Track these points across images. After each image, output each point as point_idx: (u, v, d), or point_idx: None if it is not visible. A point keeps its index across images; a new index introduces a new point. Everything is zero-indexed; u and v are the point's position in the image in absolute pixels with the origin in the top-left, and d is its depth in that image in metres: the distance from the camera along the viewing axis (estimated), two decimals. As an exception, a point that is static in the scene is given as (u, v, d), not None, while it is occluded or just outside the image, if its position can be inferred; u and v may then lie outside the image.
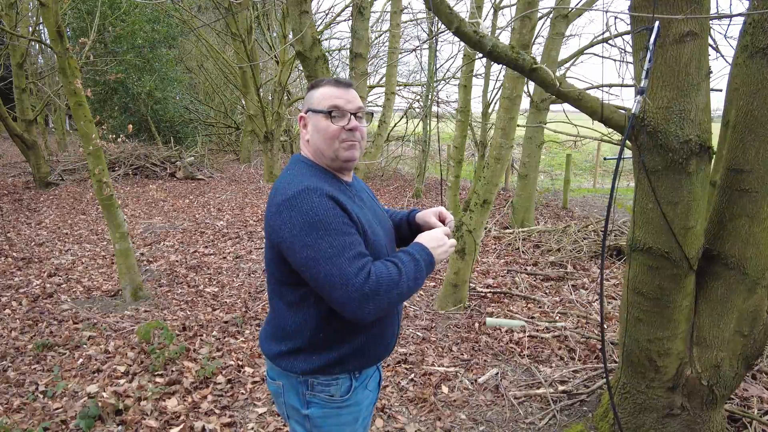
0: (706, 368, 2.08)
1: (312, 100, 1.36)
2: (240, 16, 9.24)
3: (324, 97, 1.33)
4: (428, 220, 1.56)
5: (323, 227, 1.18)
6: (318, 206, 1.19)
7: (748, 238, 1.91)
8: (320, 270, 1.18)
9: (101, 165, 4.12)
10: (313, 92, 1.36)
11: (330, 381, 1.34)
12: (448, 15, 1.68)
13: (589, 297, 4.57)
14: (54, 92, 10.97)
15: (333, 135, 1.32)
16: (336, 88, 1.35)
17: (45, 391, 2.88)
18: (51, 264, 5.41)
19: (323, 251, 1.17)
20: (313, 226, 1.18)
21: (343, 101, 1.33)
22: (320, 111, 1.33)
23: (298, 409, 1.36)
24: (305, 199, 1.20)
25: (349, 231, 1.22)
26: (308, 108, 1.36)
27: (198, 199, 9.59)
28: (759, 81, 1.81)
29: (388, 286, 1.20)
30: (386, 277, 1.20)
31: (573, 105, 1.82)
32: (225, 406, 2.79)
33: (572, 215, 8.54)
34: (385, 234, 1.42)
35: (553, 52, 5.94)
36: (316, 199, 1.20)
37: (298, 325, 1.31)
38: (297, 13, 3.87)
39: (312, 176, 1.29)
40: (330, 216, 1.19)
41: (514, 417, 2.73)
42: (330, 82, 1.36)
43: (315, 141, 1.34)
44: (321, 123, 1.32)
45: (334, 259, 1.17)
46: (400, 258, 1.29)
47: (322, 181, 1.27)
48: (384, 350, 1.42)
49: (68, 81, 3.93)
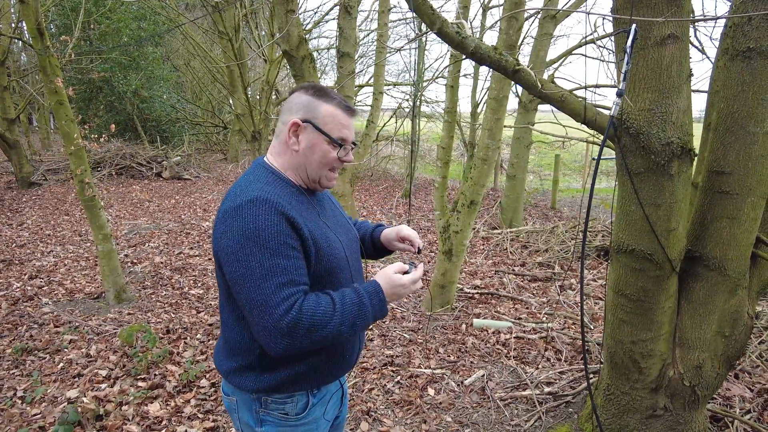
0: (688, 369, 2.09)
1: (316, 114, 1.24)
2: (227, 14, 9.15)
3: (334, 122, 1.24)
4: (393, 243, 1.49)
5: (259, 244, 1.10)
6: (261, 220, 1.11)
7: (729, 240, 1.92)
8: (243, 289, 1.10)
9: (84, 165, 4.05)
10: (319, 105, 1.24)
11: (285, 399, 1.27)
12: (431, 15, 1.67)
13: (576, 298, 4.59)
14: (37, 90, 10.79)
15: (329, 163, 1.26)
16: (346, 114, 1.26)
17: (23, 397, 2.81)
18: (32, 266, 5.31)
19: (252, 270, 1.09)
20: (249, 240, 1.10)
21: (350, 133, 1.27)
22: (326, 134, 1.23)
23: (252, 426, 1.30)
24: (250, 211, 1.12)
25: (288, 253, 1.12)
26: (309, 119, 1.24)
27: (184, 199, 9.49)
28: (739, 84, 1.82)
29: (310, 326, 1.10)
30: (311, 316, 1.10)
31: (556, 106, 1.81)
32: (208, 410, 2.75)
33: (561, 215, 8.59)
34: (348, 244, 1.35)
35: (541, 52, 5.96)
36: (261, 212, 1.11)
37: (248, 342, 1.23)
38: (283, 12, 3.84)
39: (268, 185, 1.20)
40: (270, 233, 1.11)
41: (500, 419, 2.72)
42: (340, 104, 1.26)
43: (304, 158, 1.25)
44: (322, 146, 1.24)
45: (260, 281, 1.09)
46: (344, 295, 1.18)
47: (278, 192, 1.18)
48: (343, 366, 1.35)
49: (49, 79, 3.85)
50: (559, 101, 1.78)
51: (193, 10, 13.79)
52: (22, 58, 14.99)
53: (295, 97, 1.27)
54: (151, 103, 13.30)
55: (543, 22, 5.90)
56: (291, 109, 1.26)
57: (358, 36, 6.64)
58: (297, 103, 1.26)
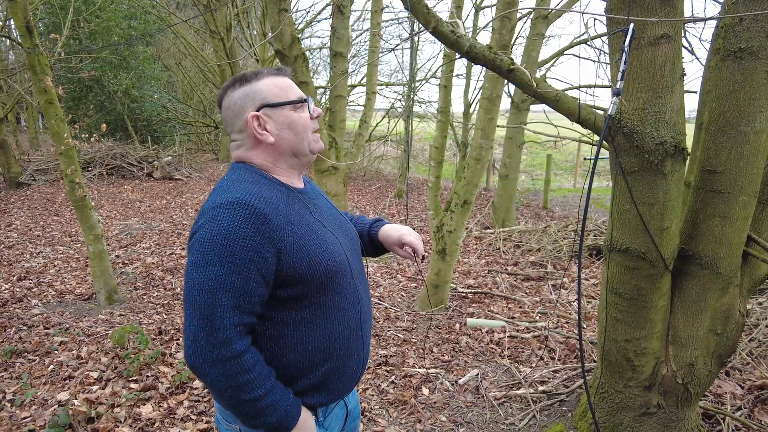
0: (681, 367, 2.10)
1: (262, 94, 1.14)
2: (219, 13, 9.10)
3: (280, 89, 1.15)
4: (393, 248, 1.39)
5: (222, 254, 1.01)
6: (234, 229, 1.01)
7: (721, 238, 1.94)
8: (191, 293, 1.02)
9: (74, 165, 4.00)
10: (255, 87, 1.14)
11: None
12: (426, 14, 1.66)
13: (569, 297, 4.62)
14: (25, 89, 10.65)
15: (307, 126, 1.18)
16: (281, 77, 1.17)
17: (13, 400, 2.77)
18: (21, 267, 5.24)
19: (205, 278, 1.01)
20: (215, 246, 1.01)
21: (298, 90, 1.18)
22: (285, 103, 1.14)
23: None
24: (227, 214, 1.02)
25: (249, 274, 1.02)
26: (261, 104, 1.14)
27: (176, 199, 9.42)
28: (731, 83, 1.83)
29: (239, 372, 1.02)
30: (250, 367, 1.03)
31: (550, 106, 1.82)
32: (202, 411, 2.73)
33: (553, 215, 8.64)
34: (347, 243, 1.26)
35: (533, 52, 5.98)
36: (238, 219, 1.02)
37: None
38: (276, 11, 3.82)
39: (254, 184, 1.10)
40: (241, 245, 1.01)
41: (495, 418, 2.73)
42: (270, 72, 1.17)
43: (286, 139, 1.16)
44: (291, 116, 1.15)
45: (208, 295, 1.01)
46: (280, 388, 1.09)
47: (265, 195, 1.08)
48: (348, 383, 1.25)
49: (38, 78, 3.80)
50: (553, 100, 1.79)
51: (184, 9, 13.70)
52: (9, 57, 14.79)
53: (229, 101, 1.16)
54: (142, 102, 13.19)
55: (535, 23, 5.93)
56: (236, 112, 1.15)
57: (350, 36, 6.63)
58: (236, 104, 1.15)
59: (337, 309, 1.18)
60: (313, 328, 1.14)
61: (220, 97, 1.19)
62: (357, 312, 1.23)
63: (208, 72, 13.32)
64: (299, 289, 1.11)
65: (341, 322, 1.19)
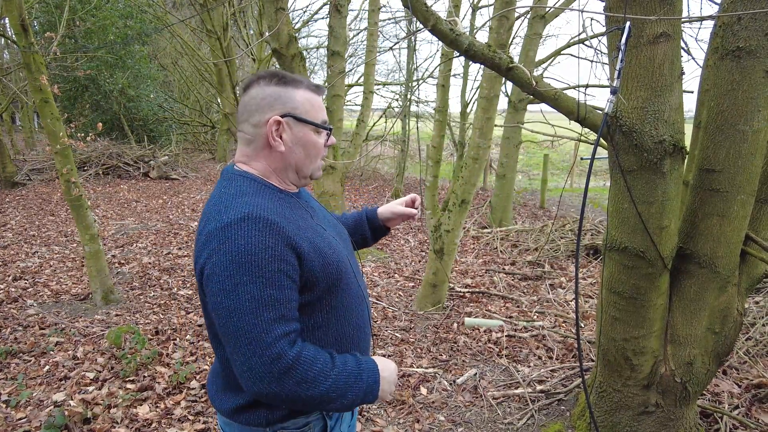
0: (679, 365, 2.10)
1: (293, 103, 1.10)
2: (215, 12, 9.07)
3: (313, 107, 1.12)
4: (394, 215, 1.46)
5: (250, 271, 0.97)
6: (254, 243, 0.97)
7: (720, 237, 1.94)
8: (230, 323, 0.98)
9: (69, 164, 3.97)
10: (292, 92, 1.10)
11: (301, 427, 1.15)
12: (425, 12, 1.66)
13: (566, 296, 4.62)
14: (20, 89, 10.59)
15: (319, 153, 1.15)
16: (317, 95, 1.14)
17: (8, 401, 2.75)
18: (16, 267, 5.21)
19: (240, 302, 0.97)
20: (240, 266, 0.97)
21: (325, 114, 1.17)
22: (311, 123, 1.11)
23: None
24: (241, 231, 0.98)
25: (282, 283, 1.00)
26: (288, 113, 1.09)
27: (172, 199, 9.39)
28: (729, 82, 1.83)
29: (302, 379, 0.99)
30: (308, 368, 0.99)
31: (550, 104, 1.81)
32: (199, 412, 2.72)
33: (550, 215, 8.65)
34: (342, 242, 1.26)
35: (531, 52, 5.99)
36: (255, 233, 0.98)
37: None
38: (273, 10, 3.81)
39: (256, 196, 1.05)
40: (264, 258, 0.97)
41: (493, 417, 2.73)
42: (310, 86, 1.13)
43: (296, 155, 1.12)
44: (311, 137, 1.12)
45: (250, 316, 0.97)
46: (346, 360, 1.07)
47: (270, 205, 1.04)
48: None
49: (33, 77, 3.77)
50: (553, 99, 1.78)
51: (181, 8, 13.65)
52: (4, 56, 14.71)
53: (258, 92, 1.10)
54: (138, 102, 13.13)
55: (533, 22, 5.93)
56: (260, 107, 1.09)
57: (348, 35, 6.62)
58: (264, 99, 1.09)
59: (345, 309, 1.18)
60: (326, 331, 1.14)
61: (249, 82, 1.13)
62: (363, 309, 1.25)
63: (205, 71, 13.27)
64: (313, 294, 1.10)
65: (350, 322, 1.19)
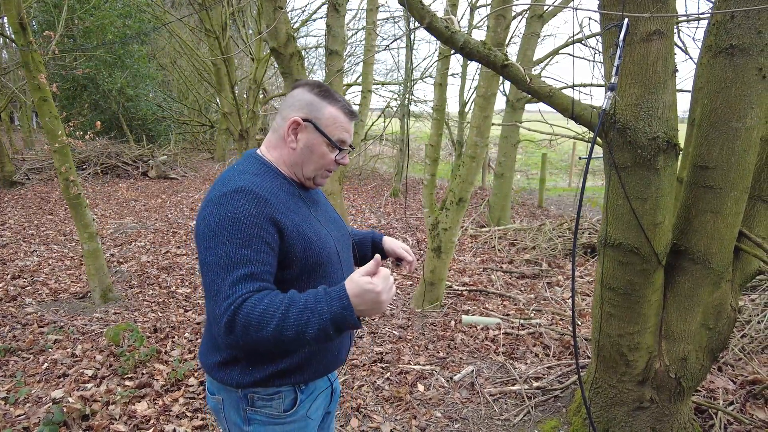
0: (673, 361, 2.12)
1: (319, 114, 1.23)
2: (214, 12, 9.07)
3: (336, 125, 1.24)
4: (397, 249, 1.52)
5: (231, 233, 1.08)
6: (239, 210, 1.10)
7: (713, 233, 1.96)
8: (206, 276, 1.09)
9: (68, 163, 3.98)
10: (323, 106, 1.23)
11: (272, 395, 1.24)
12: (420, 10, 1.67)
13: (563, 294, 4.64)
14: (19, 88, 10.58)
15: (326, 165, 1.26)
16: (348, 118, 1.26)
17: (6, 398, 2.76)
18: (15, 266, 5.22)
19: (217, 258, 1.08)
20: (224, 228, 1.08)
21: (349, 137, 1.27)
22: (326, 136, 1.23)
23: (240, 426, 1.27)
24: (232, 200, 1.11)
25: (258, 247, 1.09)
26: (311, 119, 1.23)
27: (171, 198, 9.40)
28: (722, 80, 1.85)
29: (246, 324, 1.03)
30: (248, 313, 1.03)
31: (544, 102, 1.83)
32: (197, 408, 2.73)
33: (548, 214, 8.67)
34: (339, 239, 1.34)
35: (528, 51, 6.01)
36: (242, 202, 1.10)
37: None
38: (271, 9, 3.82)
39: (257, 176, 1.19)
40: (246, 224, 1.09)
41: (490, 414, 2.74)
42: (344, 107, 1.25)
43: (301, 156, 1.25)
44: (320, 148, 1.24)
45: (221, 270, 1.07)
46: (298, 297, 1.05)
47: (266, 185, 1.17)
48: (332, 362, 1.32)
49: (32, 76, 3.78)
50: (547, 96, 1.80)
51: (179, 7, 13.64)
52: (3, 55, 14.69)
53: (299, 94, 1.25)
54: (137, 101, 13.13)
55: (530, 21, 5.95)
56: (293, 106, 1.24)
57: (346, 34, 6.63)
58: (300, 101, 1.24)
59: None
60: None
61: (298, 84, 1.27)
62: None
63: (204, 71, 13.27)
64: (289, 273, 1.18)
65: None
